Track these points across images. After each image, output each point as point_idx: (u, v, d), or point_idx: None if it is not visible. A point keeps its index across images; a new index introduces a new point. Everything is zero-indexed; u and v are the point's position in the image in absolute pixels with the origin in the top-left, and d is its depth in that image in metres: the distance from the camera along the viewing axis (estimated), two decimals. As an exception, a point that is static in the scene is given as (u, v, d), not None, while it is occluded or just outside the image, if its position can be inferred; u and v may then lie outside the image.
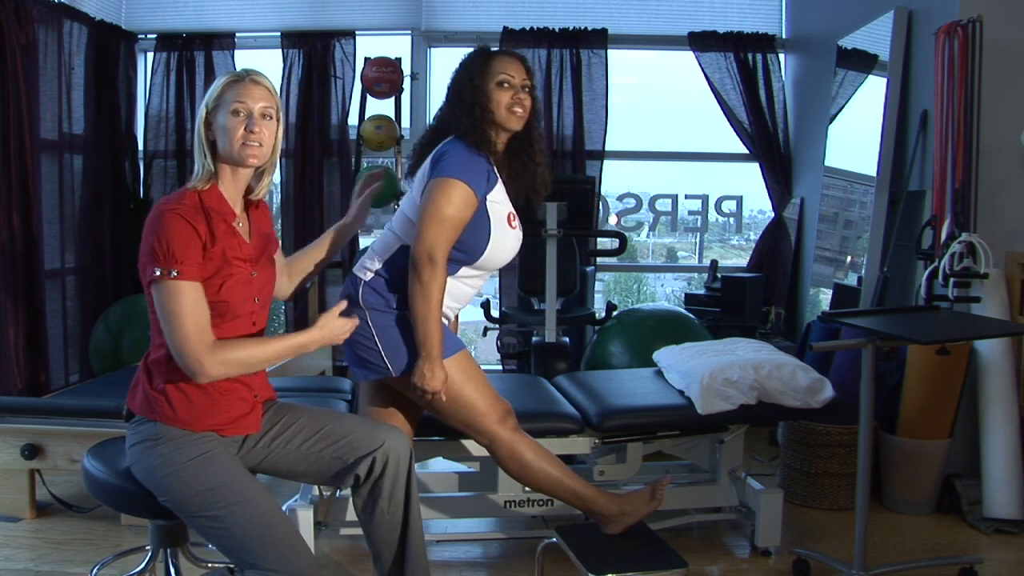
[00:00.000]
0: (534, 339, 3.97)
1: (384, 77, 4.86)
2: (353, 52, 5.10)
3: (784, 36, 5.20)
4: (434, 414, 2.32)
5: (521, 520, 2.98)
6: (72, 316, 4.64)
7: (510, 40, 5.02)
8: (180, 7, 5.17)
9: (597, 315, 4.22)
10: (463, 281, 2.30)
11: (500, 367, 5.10)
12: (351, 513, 2.66)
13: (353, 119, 5.08)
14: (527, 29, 5.03)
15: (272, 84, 1.92)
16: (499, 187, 2.28)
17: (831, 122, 4.45)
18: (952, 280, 3.17)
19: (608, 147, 5.14)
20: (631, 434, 2.76)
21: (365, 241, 5.02)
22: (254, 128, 1.84)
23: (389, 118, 4.93)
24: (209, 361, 1.76)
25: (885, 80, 3.83)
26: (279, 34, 5.11)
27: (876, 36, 4.00)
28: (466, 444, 2.66)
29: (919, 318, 2.73)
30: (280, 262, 2.14)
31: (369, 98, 4.98)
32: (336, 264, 5.14)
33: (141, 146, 5.18)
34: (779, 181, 5.12)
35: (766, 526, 2.77)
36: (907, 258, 3.63)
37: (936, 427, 3.21)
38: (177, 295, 1.75)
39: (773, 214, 5.19)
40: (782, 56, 5.19)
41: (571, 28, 5.04)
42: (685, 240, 6.23)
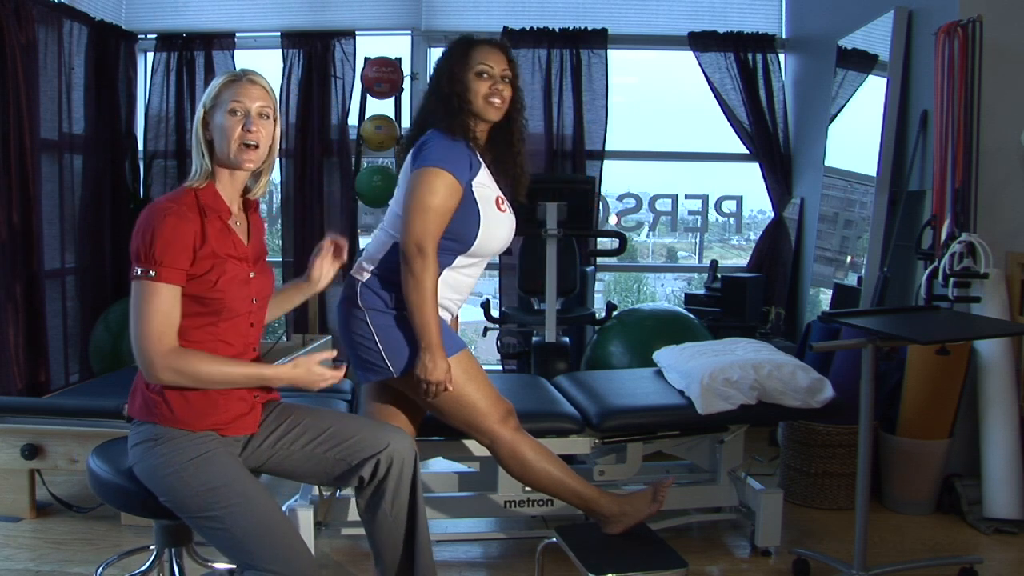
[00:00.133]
0: (534, 339, 3.98)
1: (384, 77, 4.86)
2: (353, 52, 5.10)
3: (784, 36, 5.20)
4: (436, 414, 2.31)
5: (521, 520, 2.98)
6: (72, 316, 4.64)
7: (510, 40, 5.00)
8: (180, 7, 5.18)
9: (597, 315, 4.22)
10: (460, 272, 2.29)
11: (500, 367, 5.10)
12: (351, 513, 2.67)
13: (353, 119, 5.08)
14: (527, 29, 5.03)
15: (269, 84, 1.92)
16: (484, 171, 2.26)
17: (831, 122, 4.45)
18: (952, 280, 3.17)
19: (608, 147, 5.14)
20: (631, 434, 2.76)
21: (364, 241, 5.02)
22: (251, 127, 1.85)
23: (389, 118, 4.93)
24: (161, 364, 1.76)
25: (885, 80, 3.83)
26: (279, 34, 5.11)
27: (876, 36, 4.01)
28: (467, 444, 2.66)
29: (919, 318, 2.73)
30: None
31: (369, 98, 4.99)
32: (336, 264, 5.14)
33: (141, 146, 5.18)
34: (779, 181, 5.12)
35: (766, 526, 2.77)
36: (907, 258, 3.63)
37: (936, 427, 3.21)
38: (149, 295, 1.76)
39: (773, 214, 5.19)
40: (782, 56, 5.19)
41: (571, 28, 5.03)
42: (685, 240, 6.23)
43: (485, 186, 2.25)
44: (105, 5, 4.93)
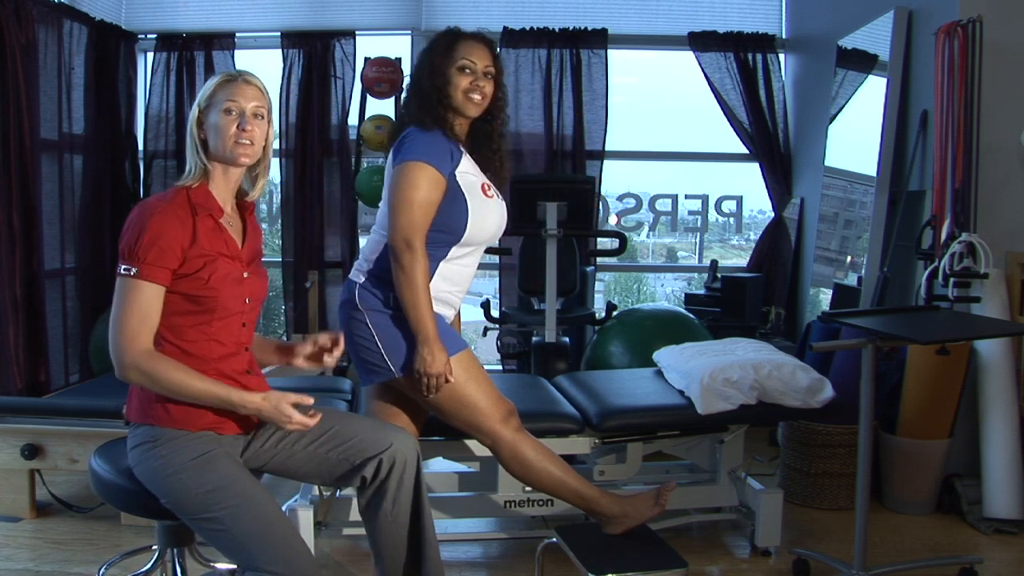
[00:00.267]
0: (534, 339, 3.98)
1: (384, 77, 4.86)
2: (353, 52, 5.10)
3: (784, 36, 5.20)
4: (438, 414, 2.31)
5: (521, 520, 2.98)
6: (72, 316, 4.64)
7: (510, 40, 5.02)
8: (180, 7, 5.17)
9: (597, 315, 4.22)
10: (456, 263, 2.28)
11: (500, 367, 5.10)
12: (351, 513, 2.67)
13: (353, 119, 5.08)
14: (527, 29, 5.02)
15: (264, 85, 1.92)
16: (466, 160, 2.25)
17: (831, 122, 4.45)
18: (952, 280, 3.17)
19: (608, 147, 5.14)
20: (631, 434, 2.76)
21: (364, 241, 5.02)
22: (246, 127, 1.85)
23: (389, 118, 4.92)
24: (130, 363, 1.75)
25: (885, 80, 3.83)
26: (279, 34, 5.10)
27: (876, 36, 4.01)
28: (467, 444, 2.66)
29: (919, 318, 2.73)
30: None
31: (369, 98, 4.99)
32: (336, 264, 5.15)
33: (141, 146, 5.17)
34: (779, 181, 5.12)
35: (766, 526, 2.77)
36: (907, 258, 3.63)
37: (936, 427, 3.21)
38: (130, 292, 1.76)
39: (773, 214, 5.19)
40: (782, 56, 5.19)
41: (571, 28, 5.03)
42: (685, 240, 6.23)
43: (469, 174, 2.24)
44: (105, 5, 4.93)
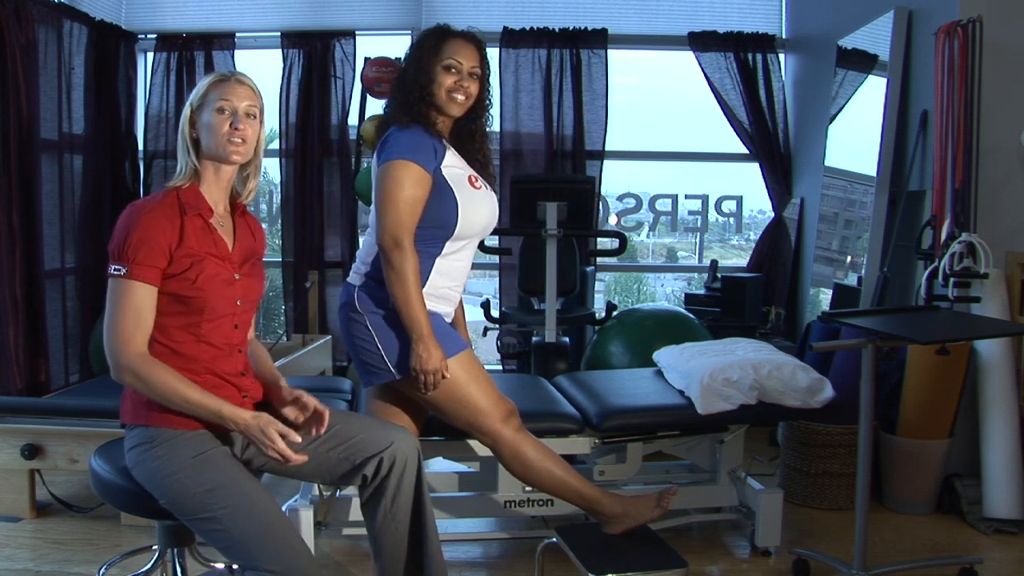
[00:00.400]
0: (534, 339, 3.97)
1: (384, 77, 4.86)
2: (353, 52, 5.10)
3: (784, 36, 5.20)
4: (438, 414, 2.31)
5: (521, 520, 2.98)
6: (72, 316, 4.64)
7: (510, 40, 5.02)
8: (180, 7, 5.18)
9: (597, 315, 4.22)
10: (451, 258, 2.27)
11: (500, 367, 5.10)
12: (351, 513, 2.67)
13: (353, 119, 5.09)
14: (527, 29, 5.03)
15: (256, 85, 1.93)
16: (451, 154, 2.25)
17: (831, 122, 4.45)
18: (952, 280, 3.17)
19: (608, 147, 5.14)
20: (631, 434, 2.76)
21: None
22: (239, 125, 1.86)
23: (389, 118, 4.92)
24: (124, 365, 1.75)
25: (885, 80, 3.83)
26: (279, 34, 5.11)
27: (876, 36, 4.01)
28: (467, 444, 2.66)
29: (919, 318, 2.72)
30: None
31: (369, 98, 4.99)
32: (336, 264, 5.15)
33: (141, 146, 5.18)
34: (779, 181, 5.12)
35: (766, 526, 2.77)
36: (907, 258, 3.63)
37: (936, 427, 3.21)
38: (121, 293, 1.77)
39: (773, 214, 5.19)
40: (782, 56, 5.19)
41: (571, 28, 5.03)
42: (685, 240, 6.24)
43: (454, 167, 2.23)
44: (105, 5, 4.93)
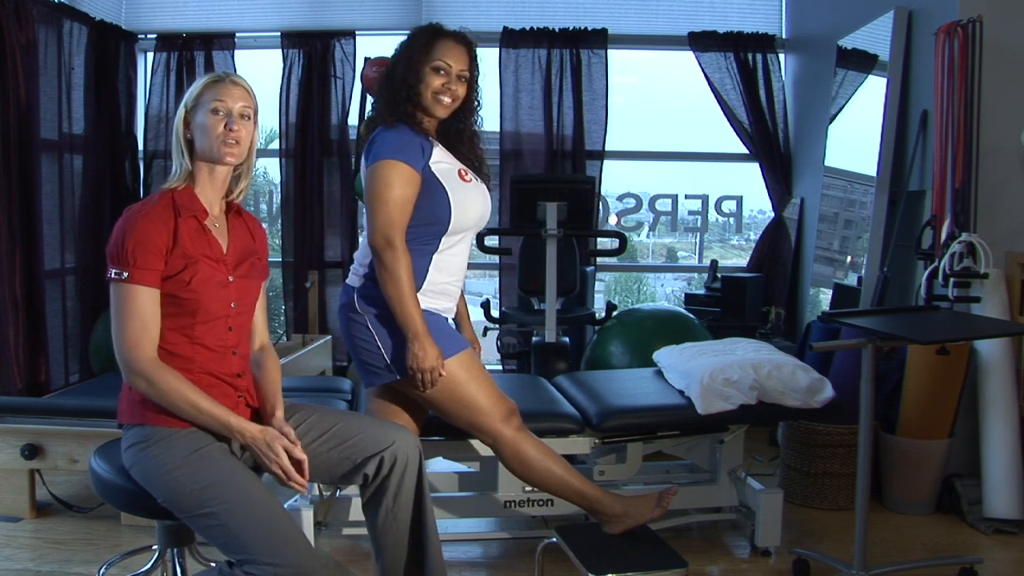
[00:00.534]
0: (534, 339, 3.97)
1: (384, 77, 4.86)
2: (353, 52, 5.10)
3: (784, 36, 5.20)
4: (439, 414, 2.31)
5: (521, 520, 2.98)
6: (72, 316, 4.64)
7: (510, 40, 5.02)
8: (180, 7, 5.17)
9: (597, 315, 4.22)
10: (447, 253, 2.27)
11: (500, 367, 5.10)
12: (352, 513, 2.67)
13: (353, 119, 5.08)
14: (527, 29, 5.03)
15: (250, 86, 1.93)
16: (439, 149, 2.24)
17: (831, 122, 4.45)
18: (952, 280, 3.17)
19: (608, 147, 5.14)
20: (631, 434, 2.76)
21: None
22: (233, 126, 1.87)
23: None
24: (136, 369, 1.77)
25: (885, 80, 3.83)
26: (279, 34, 5.11)
27: (876, 36, 4.01)
28: (468, 444, 2.66)
29: (919, 318, 2.72)
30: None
31: (369, 98, 4.98)
32: (336, 264, 5.15)
33: (141, 146, 5.18)
34: (779, 181, 5.12)
35: (766, 526, 2.77)
36: (907, 258, 3.63)
37: (936, 427, 3.21)
38: (124, 298, 1.77)
39: (773, 214, 5.19)
40: (782, 56, 5.19)
41: (571, 28, 5.03)
42: (685, 240, 6.24)
43: (443, 162, 2.23)
44: (105, 5, 4.93)
